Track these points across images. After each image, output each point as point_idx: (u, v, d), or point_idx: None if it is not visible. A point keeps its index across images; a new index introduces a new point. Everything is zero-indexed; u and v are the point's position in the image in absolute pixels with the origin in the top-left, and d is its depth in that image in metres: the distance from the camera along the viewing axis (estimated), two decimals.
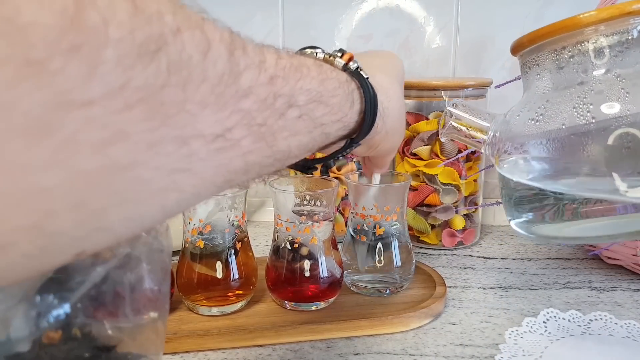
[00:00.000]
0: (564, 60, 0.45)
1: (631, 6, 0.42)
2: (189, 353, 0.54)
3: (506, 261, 0.77)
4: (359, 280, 0.64)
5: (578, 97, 0.43)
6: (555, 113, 0.44)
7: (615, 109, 0.41)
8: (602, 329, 0.56)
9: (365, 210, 0.62)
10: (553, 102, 0.45)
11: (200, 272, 0.59)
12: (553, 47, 0.45)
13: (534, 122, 0.45)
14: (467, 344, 0.54)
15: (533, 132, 0.45)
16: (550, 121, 0.44)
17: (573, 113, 0.43)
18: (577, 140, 0.43)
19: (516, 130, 0.47)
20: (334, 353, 0.53)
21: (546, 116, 0.45)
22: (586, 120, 0.42)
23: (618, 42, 0.43)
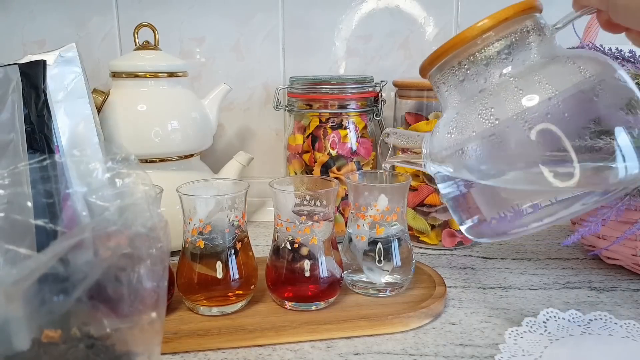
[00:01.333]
0: (462, 73, 0.49)
1: (506, 14, 0.46)
2: (189, 353, 0.54)
3: (506, 261, 0.77)
4: (359, 280, 0.64)
5: (480, 103, 0.46)
6: (465, 123, 0.47)
7: (513, 106, 0.44)
8: (602, 329, 0.56)
9: (365, 211, 0.62)
10: (462, 113, 0.48)
11: (201, 272, 0.59)
12: (451, 64, 0.49)
13: (449, 135, 0.48)
14: (467, 343, 0.54)
15: (451, 145, 0.48)
16: (462, 131, 0.47)
17: (479, 119, 0.46)
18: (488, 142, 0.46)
19: (438, 146, 0.50)
20: (334, 353, 0.53)
21: (458, 127, 0.48)
22: (490, 123, 0.45)
23: (503, 46, 0.47)
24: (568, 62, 0.46)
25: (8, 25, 0.98)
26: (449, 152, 0.48)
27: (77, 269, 0.34)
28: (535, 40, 0.47)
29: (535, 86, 0.44)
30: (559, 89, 0.44)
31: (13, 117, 0.53)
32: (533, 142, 0.43)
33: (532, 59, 0.47)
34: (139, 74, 0.80)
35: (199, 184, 0.62)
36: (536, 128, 0.43)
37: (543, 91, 0.44)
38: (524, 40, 0.47)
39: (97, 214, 0.46)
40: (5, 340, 0.35)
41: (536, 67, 0.46)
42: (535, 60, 0.47)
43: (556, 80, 0.45)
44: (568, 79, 0.45)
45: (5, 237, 0.40)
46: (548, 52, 0.48)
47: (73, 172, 0.51)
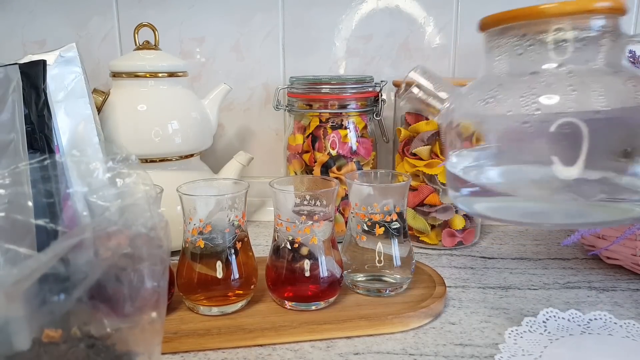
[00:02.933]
0: (522, 47, 0.45)
1: (593, 3, 0.43)
2: (189, 353, 0.54)
3: (506, 261, 0.77)
4: (358, 280, 0.64)
5: (528, 86, 0.44)
6: (504, 98, 0.45)
7: (559, 103, 0.42)
8: (602, 329, 0.56)
9: (365, 210, 0.62)
10: (505, 87, 0.45)
11: (201, 272, 0.59)
12: (515, 33, 0.46)
13: (483, 103, 0.46)
14: (467, 343, 0.55)
15: (480, 113, 0.46)
16: (498, 105, 0.45)
17: (519, 101, 0.43)
18: (519, 128, 0.43)
19: (467, 107, 0.48)
20: (334, 353, 0.53)
21: (496, 99, 0.45)
22: (530, 110, 0.43)
23: (576, 38, 0.44)
24: (629, 82, 0.44)
25: (8, 25, 0.98)
26: (476, 119, 0.47)
27: (78, 269, 0.34)
28: (607, 44, 0.44)
29: (588, 93, 0.42)
30: (609, 106, 0.41)
31: (13, 117, 0.53)
32: (561, 146, 0.41)
33: (597, 62, 0.44)
34: (139, 74, 0.80)
35: (199, 184, 0.62)
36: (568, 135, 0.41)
37: (594, 101, 0.42)
38: (597, 39, 0.44)
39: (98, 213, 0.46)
40: (6, 340, 0.35)
41: (597, 73, 0.44)
42: (599, 65, 0.44)
43: (611, 95, 0.42)
44: (622, 99, 0.43)
45: (6, 236, 0.40)
46: (614, 61, 0.45)
47: (73, 172, 0.51)
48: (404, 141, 0.82)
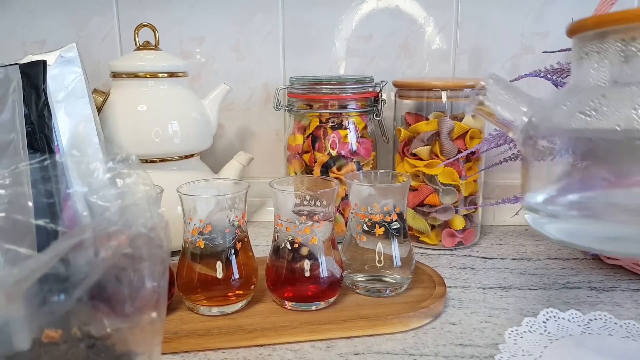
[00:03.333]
0: (631, 52, 0.39)
1: None
2: (189, 353, 0.54)
3: (506, 261, 0.77)
4: (358, 280, 0.64)
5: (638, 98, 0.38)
6: (611, 111, 0.39)
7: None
8: (602, 329, 0.56)
9: (365, 210, 0.62)
10: (610, 98, 0.39)
11: (201, 272, 0.59)
12: (621, 36, 0.39)
13: (584, 117, 0.40)
14: (467, 343, 0.55)
15: (580, 127, 0.40)
16: (603, 119, 0.39)
17: (632, 114, 0.37)
18: (628, 145, 0.38)
19: (559, 121, 0.41)
20: (334, 353, 0.53)
21: (600, 112, 0.39)
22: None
23: None
24: None
25: (8, 25, 0.98)
26: (571, 134, 0.40)
27: (78, 269, 0.34)
28: None
29: None
30: None
31: (13, 117, 0.53)
32: None
33: None
34: (139, 74, 0.80)
35: (199, 184, 0.62)
36: None
37: None
38: None
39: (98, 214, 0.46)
40: (6, 340, 0.35)
41: None
42: None
43: None
44: None
45: (6, 237, 0.40)
46: None
47: (73, 172, 0.51)
48: (404, 141, 0.82)
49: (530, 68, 0.78)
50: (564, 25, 0.45)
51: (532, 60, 0.90)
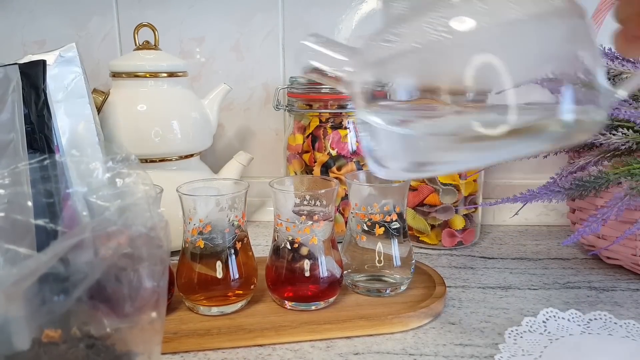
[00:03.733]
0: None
1: None
2: (189, 353, 0.54)
3: (506, 261, 0.77)
4: (358, 280, 0.64)
5: (434, 12, 0.38)
6: (410, 31, 0.39)
7: (469, 22, 0.37)
8: (602, 329, 0.56)
9: (365, 210, 0.62)
10: (408, 20, 0.40)
11: (201, 272, 0.59)
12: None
13: (387, 44, 0.41)
14: (467, 343, 0.54)
15: (386, 55, 0.41)
16: (404, 40, 0.39)
17: (426, 29, 0.38)
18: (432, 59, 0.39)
19: (370, 57, 0.42)
20: (334, 353, 0.53)
21: (400, 35, 0.40)
22: (439, 36, 0.37)
23: None
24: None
25: (8, 25, 0.98)
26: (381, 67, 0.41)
27: (78, 269, 0.34)
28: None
29: (499, 3, 0.38)
30: (524, 11, 0.37)
31: (13, 117, 0.53)
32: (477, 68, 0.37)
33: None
34: (139, 73, 0.80)
35: (199, 184, 0.62)
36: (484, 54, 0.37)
37: (508, 11, 0.37)
38: None
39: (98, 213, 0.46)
40: (6, 340, 0.35)
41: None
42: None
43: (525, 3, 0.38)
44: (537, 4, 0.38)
45: (5, 236, 0.40)
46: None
47: (73, 172, 0.51)
48: None
49: None
50: None
51: None
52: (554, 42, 0.38)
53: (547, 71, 0.37)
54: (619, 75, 0.70)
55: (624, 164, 0.64)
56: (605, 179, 0.63)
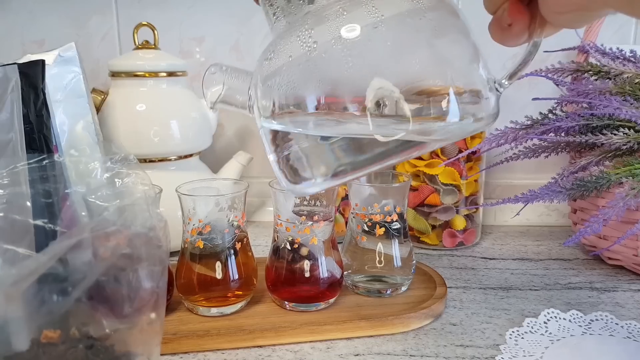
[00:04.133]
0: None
1: None
2: (189, 354, 0.54)
3: (507, 262, 0.77)
4: (359, 280, 0.64)
5: (302, 25, 0.40)
6: (284, 47, 0.41)
7: (333, 29, 0.38)
8: (603, 329, 0.56)
9: (365, 210, 0.62)
10: (283, 36, 0.41)
11: (200, 272, 0.59)
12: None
13: (267, 62, 0.42)
14: (468, 344, 0.54)
15: (268, 72, 0.41)
16: (279, 56, 0.41)
17: (297, 42, 0.39)
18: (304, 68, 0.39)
19: (256, 78, 0.43)
20: (334, 354, 0.53)
21: (276, 52, 0.41)
22: (308, 47, 0.38)
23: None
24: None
25: (7, 24, 0.98)
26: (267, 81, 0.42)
27: (77, 269, 0.34)
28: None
29: (361, 9, 0.38)
30: (385, 14, 0.38)
31: (12, 117, 0.53)
32: (349, 73, 0.38)
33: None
34: (139, 73, 0.79)
35: (199, 184, 0.62)
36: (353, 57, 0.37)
37: (368, 15, 0.38)
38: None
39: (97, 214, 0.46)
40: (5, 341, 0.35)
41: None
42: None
43: (385, 5, 0.38)
44: (397, 5, 0.39)
45: (4, 236, 0.40)
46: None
47: (72, 172, 0.50)
48: None
49: (531, 67, 0.77)
50: None
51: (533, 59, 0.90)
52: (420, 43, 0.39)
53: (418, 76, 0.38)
54: (620, 75, 0.70)
55: (626, 164, 0.63)
56: (606, 179, 0.63)
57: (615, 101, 0.63)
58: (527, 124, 0.71)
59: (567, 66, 0.75)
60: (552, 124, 0.68)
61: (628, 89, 0.67)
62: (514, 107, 0.87)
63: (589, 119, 0.66)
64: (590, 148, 0.69)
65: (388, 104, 0.37)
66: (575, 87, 0.71)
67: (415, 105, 0.37)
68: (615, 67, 0.71)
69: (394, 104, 0.37)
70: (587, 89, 0.69)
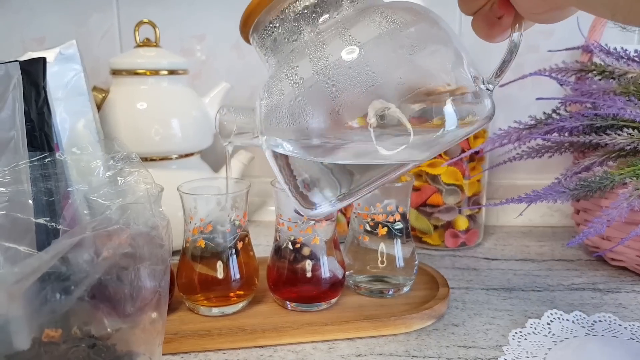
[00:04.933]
0: (274, 33, 0.44)
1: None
2: (190, 353, 0.53)
3: (510, 262, 0.77)
4: (361, 280, 0.64)
5: (288, 62, 0.42)
6: (275, 86, 0.43)
7: (316, 62, 0.40)
8: (606, 331, 0.56)
9: (368, 211, 0.62)
10: (274, 76, 0.43)
11: (201, 272, 0.59)
12: (264, 24, 0.45)
13: (263, 101, 0.44)
14: (471, 345, 0.54)
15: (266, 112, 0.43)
16: (272, 96, 0.43)
17: (286, 80, 0.41)
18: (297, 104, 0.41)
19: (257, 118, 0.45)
20: (336, 354, 0.53)
21: (269, 92, 0.43)
22: (296, 83, 0.40)
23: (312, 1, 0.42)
24: (376, 12, 0.41)
25: (8, 22, 0.97)
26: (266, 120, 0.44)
27: (78, 268, 0.34)
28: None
29: (338, 40, 0.40)
30: (361, 40, 0.39)
31: (13, 115, 0.53)
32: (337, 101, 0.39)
33: (343, 12, 0.42)
34: (139, 71, 0.79)
35: (200, 183, 0.62)
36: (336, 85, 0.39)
37: (345, 45, 0.39)
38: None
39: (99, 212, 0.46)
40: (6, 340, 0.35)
41: (345, 21, 0.42)
42: (347, 14, 0.42)
43: (361, 31, 0.40)
44: (372, 29, 0.40)
45: (6, 235, 0.39)
46: (363, 4, 0.43)
47: (73, 170, 0.50)
48: None
49: (535, 67, 0.77)
50: (568, 23, 0.45)
51: (536, 59, 0.90)
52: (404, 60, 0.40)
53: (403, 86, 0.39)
54: (624, 75, 0.70)
55: (630, 164, 0.63)
56: (610, 180, 0.63)
57: (619, 101, 0.63)
58: (531, 124, 0.71)
59: (571, 66, 0.74)
60: (556, 124, 0.67)
61: (632, 89, 0.67)
62: (518, 107, 0.87)
63: (593, 119, 0.66)
64: (594, 148, 0.68)
65: (387, 119, 0.38)
66: (579, 87, 0.71)
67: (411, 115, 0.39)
68: (620, 66, 0.71)
69: (393, 119, 0.38)
70: (591, 89, 0.69)
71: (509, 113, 0.81)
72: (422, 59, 0.40)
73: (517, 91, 0.85)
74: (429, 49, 0.41)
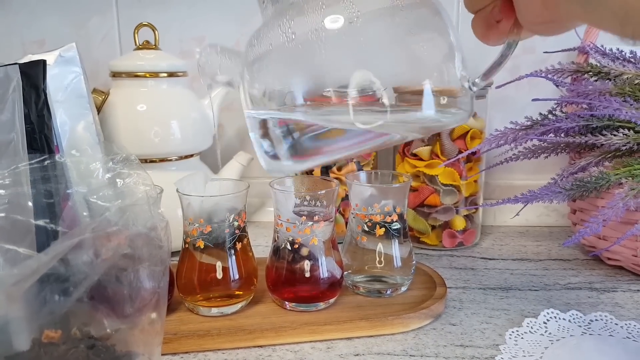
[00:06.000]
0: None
1: None
2: (189, 354, 0.54)
3: (506, 262, 0.77)
4: (359, 280, 0.64)
5: (284, 16, 0.41)
6: (266, 35, 0.43)
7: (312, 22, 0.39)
8: (603, 330, 0.56)
9: (366, 211, 0.62)
10: (267, 25, 0.43)
11: (201, 272, 0.59)
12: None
13: (252, 48, 0.43)
14: (468, 344, 0.54)
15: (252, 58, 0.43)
16: (261, 44, 0.42)
17: (278, 31, 0.41)
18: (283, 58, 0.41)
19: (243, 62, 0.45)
20: (334, 354, 0.53)
21: (259, 39, 0.43)
22: (288, 37, 0.40)
23: None
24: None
25: (8, 24, 0.98)
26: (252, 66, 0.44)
27: (78, 269, 0.34)
28: None
29: (339, 4, 0.39)
30: (361, 10, 0.39)
31: (13, 117, 0.53)
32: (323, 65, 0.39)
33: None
34: (139, 73, 0.79)
35: (199, 177, 0.62)
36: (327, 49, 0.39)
37: (345, 11, 0.39)
38: None
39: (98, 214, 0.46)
40: (6, 341, 0.35)
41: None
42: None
43: (364, 1, 0.40)
44: (377, 1, 0.40)
45: (6, 237, 0.40)
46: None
47: (73, 172, 0.50)
48: (405, 142, 0.82)
49: (531, 68, 0.77)
50: None
51: (532, 60, 0.90)
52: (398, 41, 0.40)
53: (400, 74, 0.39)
54: (620, 76, 0.70)
55: (625, 164, 0.64)
56: (606, 180, 0.63)
57: (615, 102, 0.63)
58: (527, 125, 0.71)
59: (567, 67, 0.75)
60: (552, 125, 0.68)
61: (628, 90, 0.67)
62: (514, 108, 0.87)
63: (589, 120, 0.67)
64: (590, 149, 0.69)
65: (369, 94, 0.38)
66: (575, 88, 0.71)
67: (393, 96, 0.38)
68: (615, 68, 0.71)
69: (374, 94, 0.38)
70: (587, 90, 0.70)
71: (506, 114, 0.82)
72: (415, 44, 0.40)
73: (514, 92, 0.86)
74: (424, 36, 0.41)
